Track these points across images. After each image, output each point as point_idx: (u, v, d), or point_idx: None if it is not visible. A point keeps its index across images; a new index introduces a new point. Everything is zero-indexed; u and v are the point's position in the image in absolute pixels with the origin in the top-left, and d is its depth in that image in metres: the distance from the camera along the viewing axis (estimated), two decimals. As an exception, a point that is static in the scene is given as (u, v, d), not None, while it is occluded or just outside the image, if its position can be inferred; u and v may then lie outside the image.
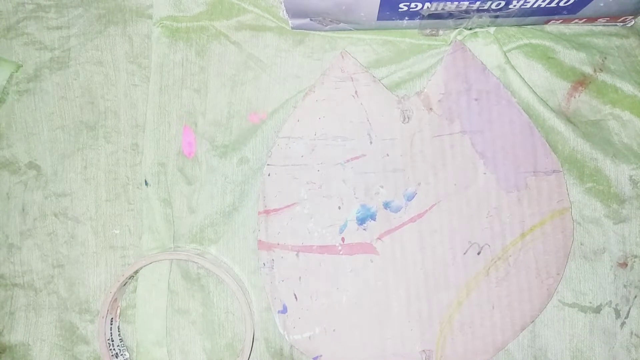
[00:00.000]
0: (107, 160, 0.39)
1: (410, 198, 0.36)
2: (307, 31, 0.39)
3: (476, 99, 0.36)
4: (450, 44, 0.38)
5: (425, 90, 0.36)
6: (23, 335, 0.38)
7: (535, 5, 0.34)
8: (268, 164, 0.36)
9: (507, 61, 0.37)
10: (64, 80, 0.39)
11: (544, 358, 0.36)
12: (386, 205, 0.36)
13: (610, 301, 0.36)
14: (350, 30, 0.38)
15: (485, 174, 0.36)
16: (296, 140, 0.36)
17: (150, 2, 0.40)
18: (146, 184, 0.38)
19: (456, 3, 0.33)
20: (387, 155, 0.36)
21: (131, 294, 0.38)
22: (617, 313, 0.36)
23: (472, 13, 0.34)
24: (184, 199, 0.38)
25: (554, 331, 0.37)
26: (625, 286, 0.36)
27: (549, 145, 0.36)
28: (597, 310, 0.36)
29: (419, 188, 0.36)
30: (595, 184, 0.37)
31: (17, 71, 0.39)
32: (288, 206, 0.36)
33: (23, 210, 0.39)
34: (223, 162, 0.38)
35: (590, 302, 0.36)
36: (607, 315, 0.36)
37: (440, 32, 0.39)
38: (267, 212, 0.36)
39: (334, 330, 0.35)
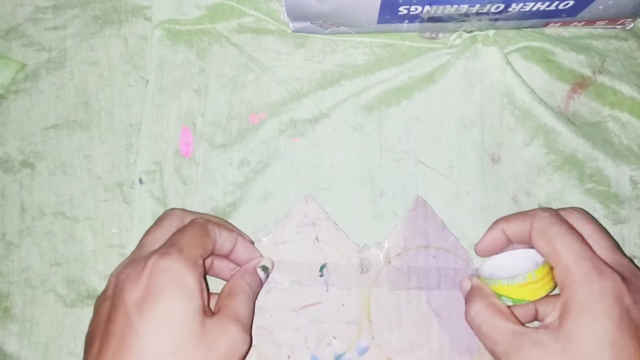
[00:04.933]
0: (102, 160, 0.39)
1: (362, 352, 0.35)
2: (308, 34, 0.39)
3: (434, 257, 0.36)
4: (450, 46, 0.39)
5: (385, 241, 0.36)
6: (18, 331, 0.38)
7: (535, 9, 0.34)
8: None
9: (507, 62, 0.37)
10: (59, 80, 0.40)
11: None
12: (337, 358, 0.35)
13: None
14: (351, 33, 0.38)
15: (439, 333, 0.35)
16: None
17: (146, 3, 0.40)
18: (140, 181, 0.38)
19: (456, 6, 0.33)
20: (343, 305, 0.35)
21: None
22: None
23: (471, 16, 0.34)
24: (179, 198, 0.38)
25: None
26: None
27: (550, 146, 0.36)
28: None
29: (372, 342, 0.35)
30: (595, 185, 0.37)
31: (21, 70, 0.40)
32: None
33: (22, 209, 0.39)
34: (223, 163, 0.38)
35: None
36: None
37: (440, 35, 0.39)
38: None
39: None
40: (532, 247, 0.32)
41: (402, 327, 0.35)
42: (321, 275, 0.36)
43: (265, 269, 0.34)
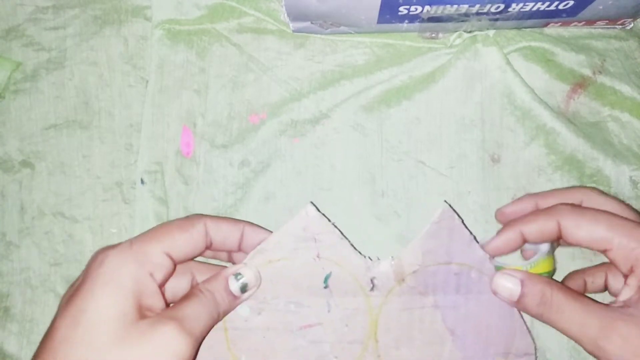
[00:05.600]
0: (102, 160, 0.39)
1: None
2: (308, 34, 0.39)
3: (455, 274, 0.32)
4: (450, 46, 0.39)
5: (400, 257, 0.32)
6: (18, 331, 0.38)
7: (535, 9, 0.34)
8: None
9: (507, 62, 0.37)
10: (59, 80, 0.40)
11: (543, 358, 0.36)
12: None
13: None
14: (351, 33, 0.38)
15: (451, 351, 0.32)
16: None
17: (145, 3, 0.40)
18: (142, 182, 0.38)
19: (456, 6, 0.33)
20: (347, 325, 0.32)
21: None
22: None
23: (471, 16, 0.35)
24: (181, 199, 0.38)
25: (553, 331, 0.36)
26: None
27: (550, 146, 0.36)
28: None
29: None
30: (595, 185, 0.37)
31: (17, 69, 0.39)
32: None
33: (22, 208, 0.39)
34: (224, 163, 0.38)
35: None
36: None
37: (440, 35, 0.39)
38: None
39: None
40: (551, 242, 0.32)
41: (413, 344, 0.32)
42: (326, 287, 0.32)
43: (238, 276, 0.30)
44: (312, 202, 0.32)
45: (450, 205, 0.32)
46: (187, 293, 0.28)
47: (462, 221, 0.32)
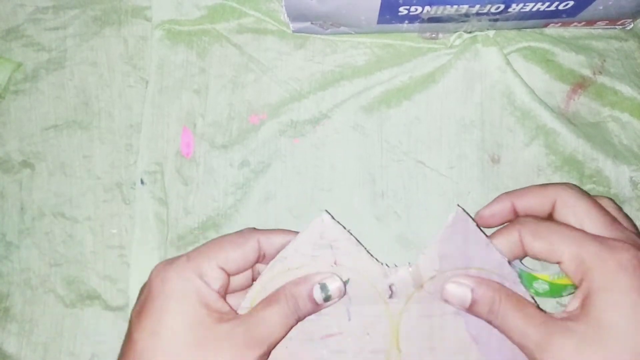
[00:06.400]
0: (102, 160, 0.39)
1: None
2: (308, 35, 0.39)
3: None
4: (450, 47, 0.39)
5: (418, 263, 0.31)
6: (18, 331, 0.38)
7: (535, 9, 0.34)
8: None
9: (507, 63, 0.37)
10: (59, 81, 0.40)
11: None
12: None
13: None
14: (351, 33, 0.38)
15: None
16: None
17: (145, 3, 0.40)
18: (142, 182, 0.38)
19: (456, 7, 0.33)
20: (368, 334, 0.31)
21: (121, 293, 0.38)
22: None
23: (471, 17, 0.35)
24: (180, 200, 0.38)
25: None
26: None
27: (550, 147, 0.36)
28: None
29: None
30: (595, 185, 0.37)
31: (17, 70, 0.40)
32: None
33: (22, 209, 0.39)
34: (224, 163, 0.38)
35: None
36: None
37: (440, 35, 0.39)
38: None
39: None
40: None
41: (436, 355, 0.31)
42: (345, 294, 0.32)
43: (324, 286, 0.30)
44: (327, 211, 0.32)
45: (463, 209, 0.31)
46: (273, 297, 0.29)
47: (477, 225, 0.32)
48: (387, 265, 0.32)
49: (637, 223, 0.37)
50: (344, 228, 0.32)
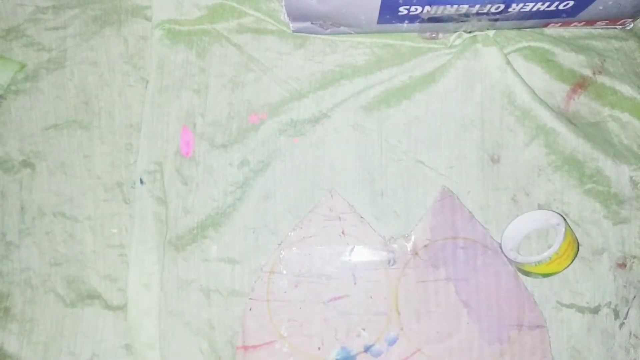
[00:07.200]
0: (102, 160, 0.39)
1: (391, 343, 0.35)
2: (308, 35, 0.39)
3: (462, 247, 0.36)
4: (450, 47, 0.39)
5: (412, 233, 0.36)
6: (18, 331, 0.38)
7: (535, 9, 0.34)
8: (250, 298, 0.36)
9: (507, 62, 0.37)
10: (59, 80, 0.40)
11: None
12: (367, 348, 0.35)
13: (610, 302, 0.36)
14: (351, 33, 0.38)
15: (468, 323, 0.35)
16: (280, 275, 0.36)
17: (145, 3, 0.40)
18: (141, 182, 0.38)
19: (456, 6, 0.33)
20: (371, 297, 0.36)
21: (121, 292, 0.38)
22: (616, 314, 0.36)
23: (471, 17, 0.35)
24: (180, 199, 0.38)
25: (552, 332, 0.37)
26: (624, 287, 0.36)
27: (550, 147, 0.36)
28: (595, 310, 0.36)
29: (401, 333, 0.35)
30: (595, 185, 0.37)
31: (21, 70, 0.40)
32: (267, 343, 0.35)
33: (22, 209, 0.39)
34: (223, 163, 0.38)
35: (588, 303, 0.37)
36: (605, 316, 0.36)
37: (440, 35, 0.39)
38: (245, 347, 0.35)
39: None
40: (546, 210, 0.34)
41: (431, 318, 0.36)
42: (350, 260, 0.36)
43: None
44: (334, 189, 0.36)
45: (449, 189, 0.36)
46: None
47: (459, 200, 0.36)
48: (386, 236, 0.36)
49: (637, 222, 0.37)
50: (349, 204, 0.37)
